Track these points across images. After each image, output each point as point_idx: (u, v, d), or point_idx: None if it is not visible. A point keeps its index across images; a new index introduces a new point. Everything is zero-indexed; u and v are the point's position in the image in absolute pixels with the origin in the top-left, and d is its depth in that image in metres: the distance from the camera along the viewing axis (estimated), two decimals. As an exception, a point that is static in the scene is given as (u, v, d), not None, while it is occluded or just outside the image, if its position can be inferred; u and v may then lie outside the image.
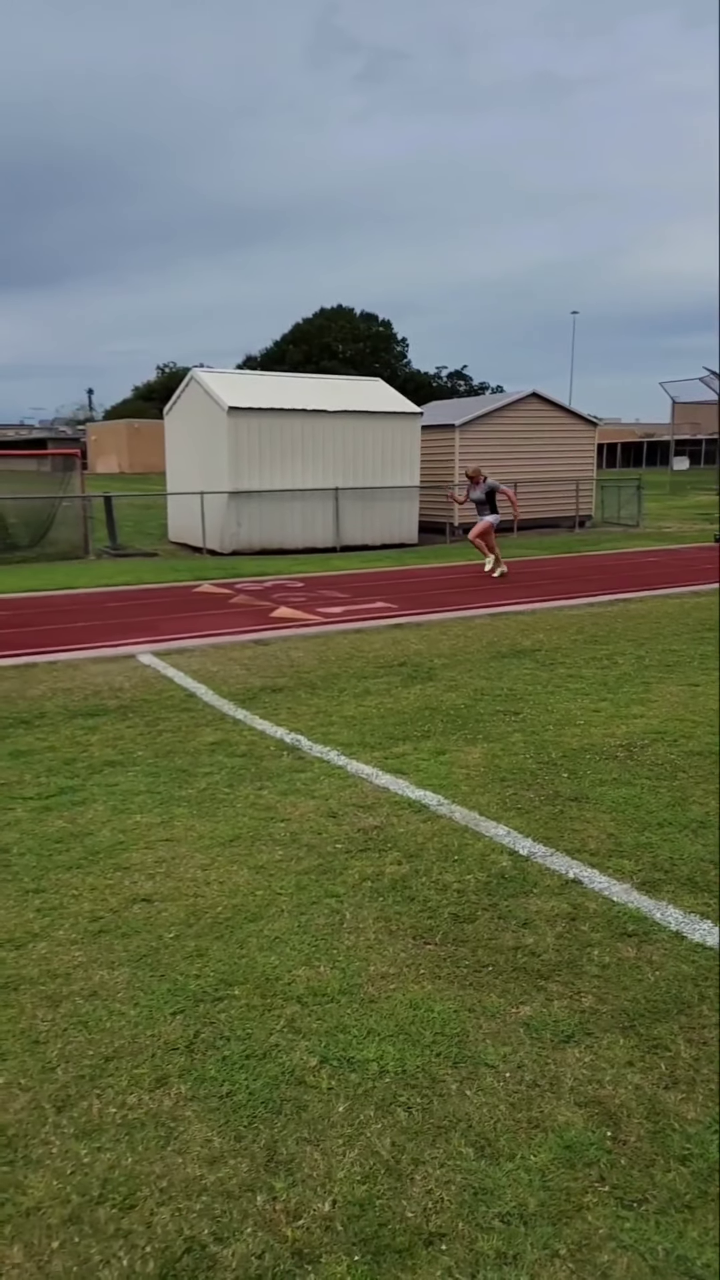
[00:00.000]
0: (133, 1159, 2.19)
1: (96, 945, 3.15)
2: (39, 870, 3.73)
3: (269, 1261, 1.90)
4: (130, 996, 2.85)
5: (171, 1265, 1.89)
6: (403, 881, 3.56)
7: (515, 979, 2.90)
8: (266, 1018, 2.72)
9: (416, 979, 2.90)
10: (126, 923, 3.30)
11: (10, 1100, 2.40)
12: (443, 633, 8.65)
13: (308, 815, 4.24)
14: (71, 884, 3.61)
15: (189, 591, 11.67)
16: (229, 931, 3.22)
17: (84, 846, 3.95)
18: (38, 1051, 2.60)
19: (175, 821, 4.21)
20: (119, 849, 3.92)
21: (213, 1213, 2.03)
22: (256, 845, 3.92)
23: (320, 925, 3.24)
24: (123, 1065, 2.53)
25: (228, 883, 3.59)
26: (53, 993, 2.88)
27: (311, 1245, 1.93)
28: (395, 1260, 1.90)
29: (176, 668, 7.30)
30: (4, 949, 3.14)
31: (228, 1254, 1.92)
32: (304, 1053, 2.55)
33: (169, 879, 3.63)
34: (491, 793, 4.50)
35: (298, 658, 7.64)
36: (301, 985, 2.87)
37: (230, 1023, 2.70)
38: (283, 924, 3.26)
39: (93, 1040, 2.64)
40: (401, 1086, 2.41)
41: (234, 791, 4.57)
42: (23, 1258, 1.93)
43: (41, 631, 8.99)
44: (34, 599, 11.29)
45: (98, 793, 4.59)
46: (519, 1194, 2.06)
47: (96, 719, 5.90)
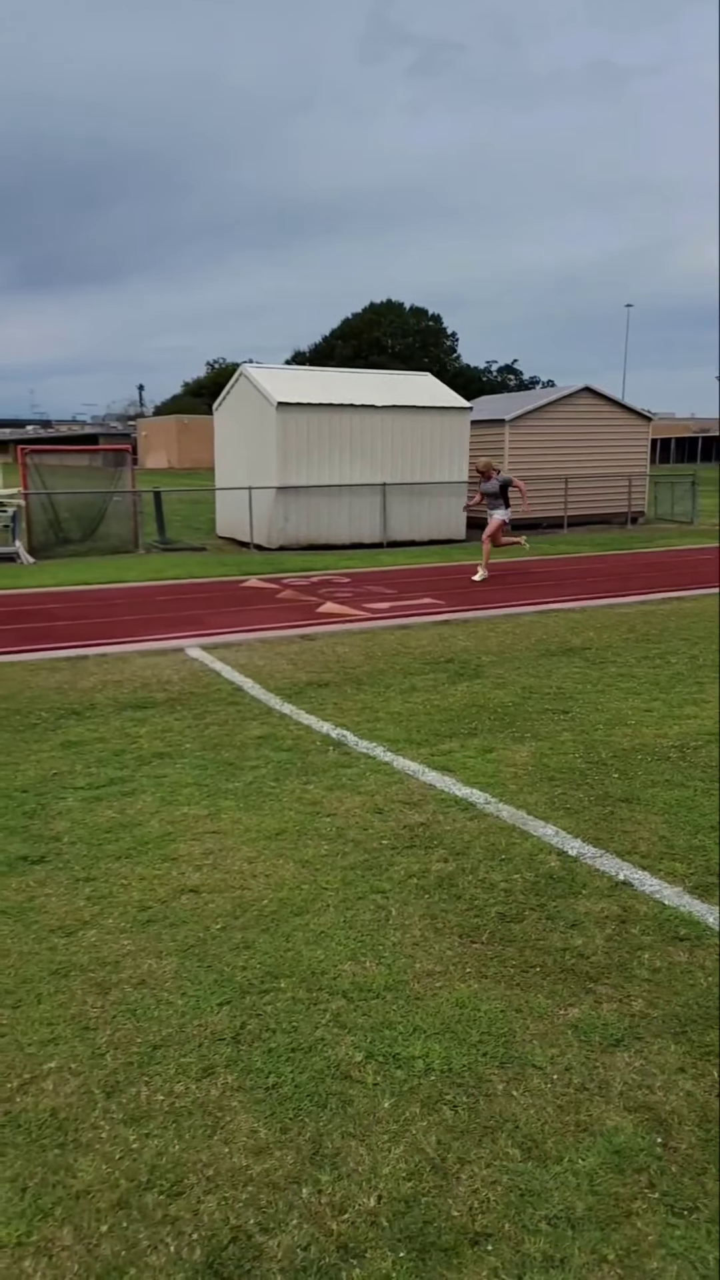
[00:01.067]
0: (180, 1146, 2.21)
1: (145, 934, 3.19)
2: (89, 859, 3.79)
3: (314, 1254, 1.90)
4: (178, 986, 2.88)
5: (218, 1253, 1.91)
6: (449, 879, 3.54)
7: (563, 980, 2.87)
8: (312, 1011, 2.72)
9: (463, 977, 2.89)
10: (174, 913, 3.33)
11: (61, 1084, 2.44)
12: (490, 629, 8.59)
13: (353, 811, 4.24)
14: (121, 873, 3.66)
15: (236, 586, 11.75)
16: (275, 924, 3.23)
17: (133, 837, 4.00)
18: (87, 1037, 2.64)
19: (222, 814, 4.24)
20: (167, 840, 3.96)
21: (258, 1203, 2.04)
22: (302, 839, 3.94)
23: (366, 921, 3.24)
24: (170, 1053, 2.56)
25: (274, 876, 3.60)
26: (102, 980, 2.92)
27: (357, 1240, 1.94)
28: (441, 1259, 1.89)
29: (224, 662, 7.35)
30: (55, 935, 3.19)
31: (273, 1245, 1.93)
32: (349, 1047, 2.55)
33: (216, 871, 3.66)
34: (540, 792, 4.46)
35: (344, 653, 7.65)
36: (347, 980, 2.88)
37: (276, 1015, 2.71)
38: (328, 919, 3.26)
39: (141, 1028, 2.67)
40: (448, 1085, 2.40)
41: (280, 785, 4.59)
42: (72, 1240, 1.96)
43: (92, 624, 9.13)
44: (85, 592, 11.46)
45: (146, 784, 4.64)
46: (566, 1197, 2.04)
47: (145, 711, 5.97)
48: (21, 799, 4.44)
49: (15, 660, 7.43)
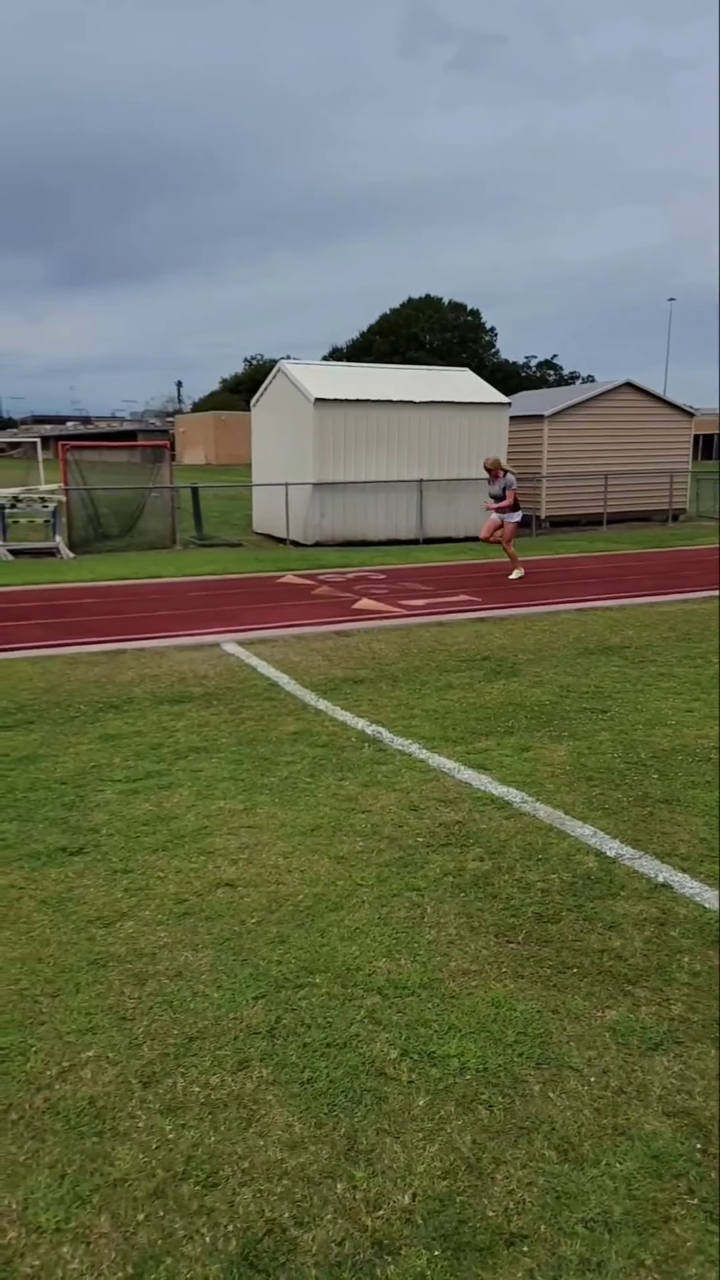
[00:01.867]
0: (215, 1138, 2.23)
1: (181, 927, 3.22)
2: (127, 851, 3.82)
3: (349, 1249, 1.91)
4: (214, 979, 2.89)
5: (253, 1245, 1.92)
6: (485, 878, 3.53)
7: (601, 982, 2.84)
8: (347, 1007, 2.73)
9: (499, 977, 2.87)
10: (210, 906, 3.36)
11: (100, 1073, 2.47)
12: (527, 627, 8.53)
13: (389, 808, 4.23)
14: (158, 866, 3.69)
15: (272, 582, 11.80)
16: (310, 920, 3.24)
17: (170, 830, 4.03)
18: (125, 1028, 2.66)
19: (258, 809, 4.26)
20: (203, 834, 3.99)
21: (293, 1197, 2.05)
22: (337, 835, 3.94)
23: (401, 918, 3.23)
24: (206, 1046, 2.57)
25: (309, 871, 3.61)
26: (139, 971, 2.95)
27: (391, 1237, 1.93)
28: (476, 1258, 1.88)
29: (260, 657, 7.38)
30: (94, 926, 3.23)
31: (308, 1239, 1.93)
32: (384, 1044, 2.55)
33: (251, 865, 3.68)
34: (577, 792, 4.42)
35: (379, 650, 7.65)
36: (382, 977, 2.87)
37: (311, 1010, 2.72)
38: (363, 915, 3.26)
39: (177, 1020, 2.70)
40: (483, 1084, 2.38)
41: (315, 781, 4.60)
42: (110, 1227, 1.98)
43: (130, 619, 9.22)
44: (123, 587, 11.58)
45: (183, 778, 4.68)
46: (604, 1201, 2.02)
47: (182, 705, 6.01)
48: (61, 790, 4.50)
49: (55, 654, 7.53)
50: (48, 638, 8.17)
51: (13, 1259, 1.90)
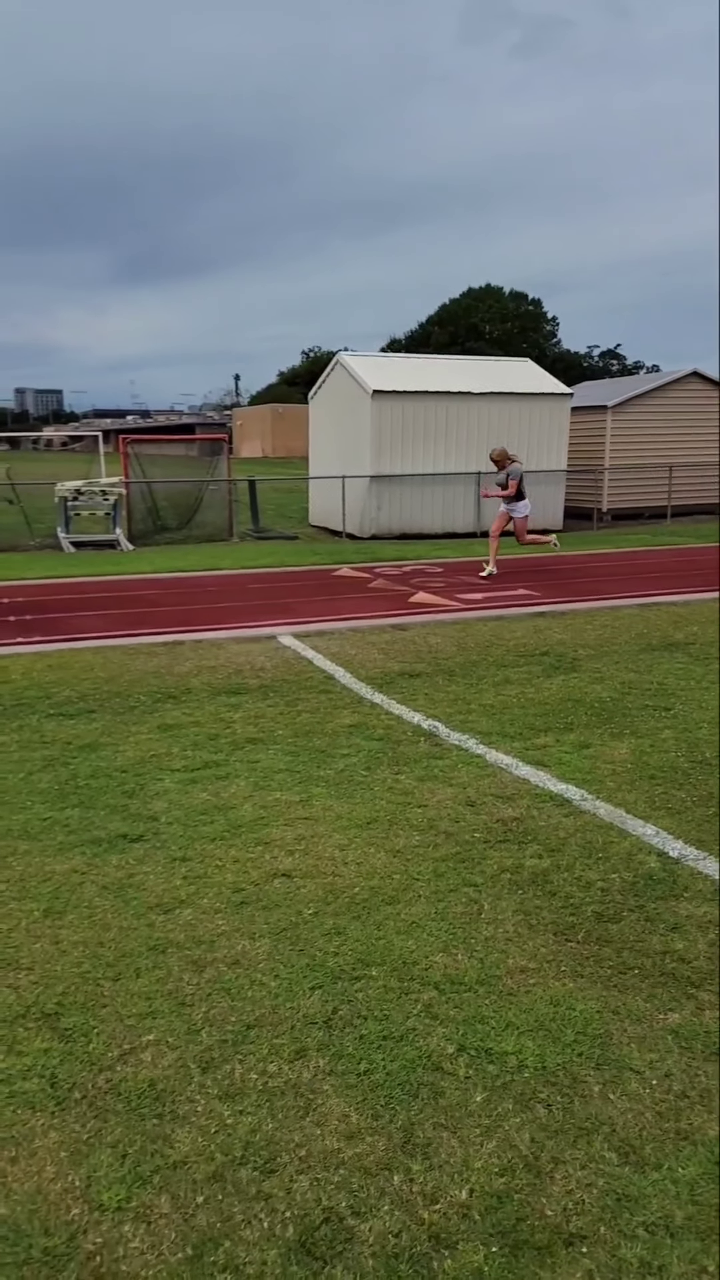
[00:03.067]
0: (273, 1125, 2.25)
1: (239, 916, 3.25)
2: (185, 840, 3.88)
3: (405, 1241, 1.91)
4: (271, 968, 2.92)
5: (310, 1233, 1.93)
6: (543, 876, 3.49)
7: (663, 984, 2.79)
8: (404, 1001, 2.72)
9: (557, 976, 2.84)
10: (267, 896, 3.38)
11: (159, 1057, 2.51)
12: (588, 622, 8.41)
13: (445, 803, 4.22)
14: (215, 855, 3.73)
15: (328, 575, 11.83)
16: (366, 913, 3.25)
17: (227, 819, 4.07)
18: (184, 1013, 2.70)
19: (314, 801, 4.28)
20: (260, 824, 4.02)
21: (350, 1187, 2.05)
22: (394, 829, 3.94)
23: (458, 914, 3.22)
24: (263, 1034, 2.60)
25: (365, 864, 3.62)
26: (198, 958, 2.99)
27: (448, 1231, 1.93)
28: (534, 1257, 1.87)
29: (316, 650, 7.41)
30: (154, 913, 3.28)
31: (365, 1229, 1.94)
32: (441, 1039, 2.54)
33: (308, 856, 3.70)
34: (639, 790, 4.35)
35: (436, 644, 7.62)
36: (439, 972, 2.87)
37: (368, 1002, 2.72)
38: (420, 909, 3.26)
39: (235, 1007, 2.73)
40: (541, 1083, 2.36)
41: (371, 774, 4.60)
42: (169, 1208, 2.01)
43: (188, 611, 9.34)
44: (181, 579, 11.73)
45: (240, 768, 4.72)
46: (665, 1205, 1.99)
47: (239, 697, 6.07)
48: (121, 779, 4.58)
49: (116, 644, 7.66)
50: (109, 628, 8.32)
51: (75, 1235, 1.95)
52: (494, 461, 11.33)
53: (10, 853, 3.76)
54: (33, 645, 7.65)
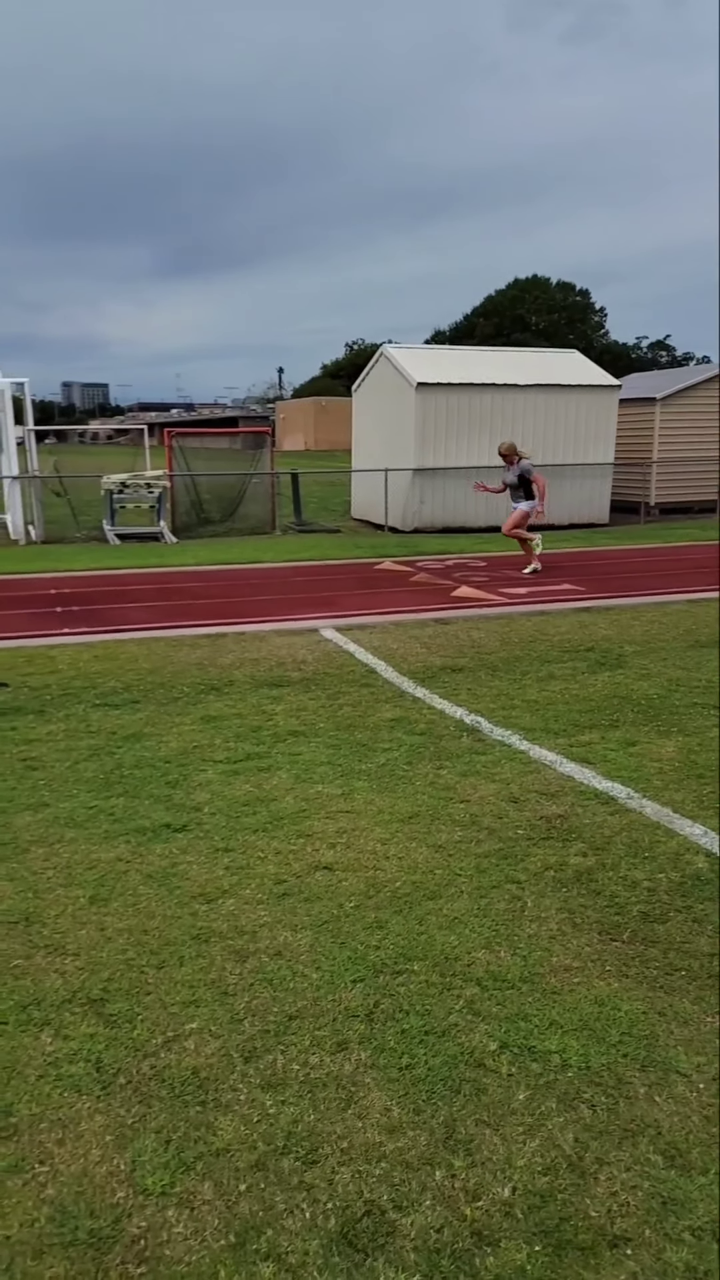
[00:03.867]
0: (315, 1116, 2.26)
1: (281, 907, 3.27)
2: (228, 830, 3.90)
3: (447, 1237, 1.90)
4: (313, 960, 2.93)
5: (352, 1225, 1.94)
6: (588, 874, 3.45)
7: (711, 986, 2.75)
8: (445, 996, 2.72)
9: (602, 975, 2.81)
10: (309, 888, 3.40)
11: (202, 1045, 2.54)
12: (635, 618, 8.30)
13: (488, 798, 4.19)
14: (258, 846, 3.76)
15: (370, 568, 11.82)
16: (408, 907, 3.24)
17: (269, 811, 4.09)
18: (227, 1002, 2.73)
19: (355, 794, 4.28)
20: (301, 816, 4.03)
21: (392, 1180, 2.05)
22: (435, 824, 3.93)
23: (500, 910, 3.20)
24: (305, 1025, 2.61)
25: (407, 859, 3.61)
26: (240, 948, 3.01)
27: (491, 1228, 1.92)
28: (577, 1257, 1.85)
29: (357, 643, 7.41)
30: (197, 902, 3.31)
31: (407, 1223, 1.94)
32: (483, 1036, 2.53)
33: (349, 850, 3.71)
34: (687, 789, 4.28)
35: (479, 638, 7.57)
36: (481, 968, 2.85)
37: (410, 997, 2.72)
38: (462, 905, 3.24)
39: (277, 998, 2.74)
40: (585, 1083, 2.34)
41: (413, 769, 4.59)
42: (212, 1195, 2.03)
43: (231, 603, 9.40)
44: (224, 571, 11.81)
45: (281, 761, 4.74)
46: (712, 1210, 1.96)
47: (280, 689, 6.09)
48: (165, 769, 4.63)
49: (160, 636, 7.74)
50: (153, 620, 8.41)
51: (120, 1218, 1.97)
52: (502, 456, 11.02)
53: (57, 840, 3.82)
54: (79, 636, 7.76)
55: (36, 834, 3.88)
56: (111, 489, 15.62)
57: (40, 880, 3.48)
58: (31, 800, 4.23)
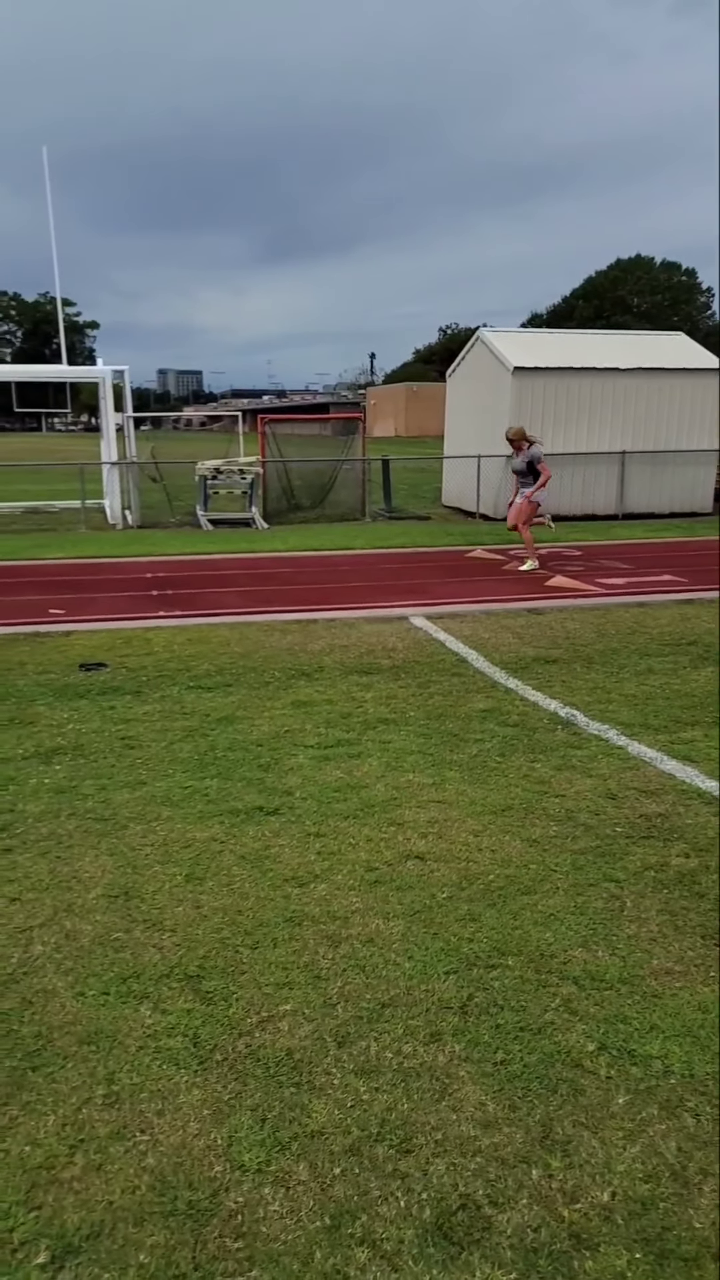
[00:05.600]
0: (409, 1106, 2.25)
1: (373, 894, 3.27)
2: (319, 816, 3.93)
3: (545, 1237, 1.87)
4: (405, 949, 2.92)
5: (447, 1217, 1.93)
6: (691, 876, 3.35)
7: None
8: (541, 993, 2.67)
9: (705, 981, 2.72)
10: (401, 877, 3.39)
11: (296, 1027, 2.56)
12: (734, 612, 7.99)
13: (584, 794, 4.11)
14: (349, 832, 3.77)
15: (461, 556, 11.71)
16: (502, 901, 3.20)
17: (360, 798, 4.10)
18: (319, 986, 2.75)
19: (447, 784, 4.25)
20: (393, 805, 4.03)
21: (487, 1175, 2.04)
22: (530, 818, 3.87)
23: (598, 909, 3.13)
24: (398, 1014, 2.61)
25: (500, 852, 3.57)
26: (333, 933, 3.03)
27: (590, 1232, 1.88)
28: (680, 1268, 1.80)
29: (448, 632, 7.36)
30: (289, 885, 3.35)
31: (503, 1220, 1.92)
32: (581, 1035, 2.48)
33: (441, 840, 3.68)
34: None
35: (573, 629, 7.42)
36: (578, 967, 2.80)
37: (504, 992, 2.69)
38: (557, 901, 3.19)
39: (370, 985, 2.75)
40: (689, 1091, 2.27)
41: (505, 761, 4.53)
42: (307, 1176, 2.05)
43: (321, 589, 9.45)
44: (315, 558, 11.88)
45: (372, 748, 4.74)
46: None
47: (370, 677, 6.09)
48: (257, 752, 4.69)
49: (251, 621, 7.84)
50: (244, 605, 8.53)
51: (218, 1192, 2.01)
52: (510, 442, 10.47)
53: (154, 818, 3.92)
54: (173, 619, 7.93)
55: (135, 811, 3.98)
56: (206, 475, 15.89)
57: (138, 856, 3.57)
58: (129, 778, 4.35)
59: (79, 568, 11.08)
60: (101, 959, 2.89)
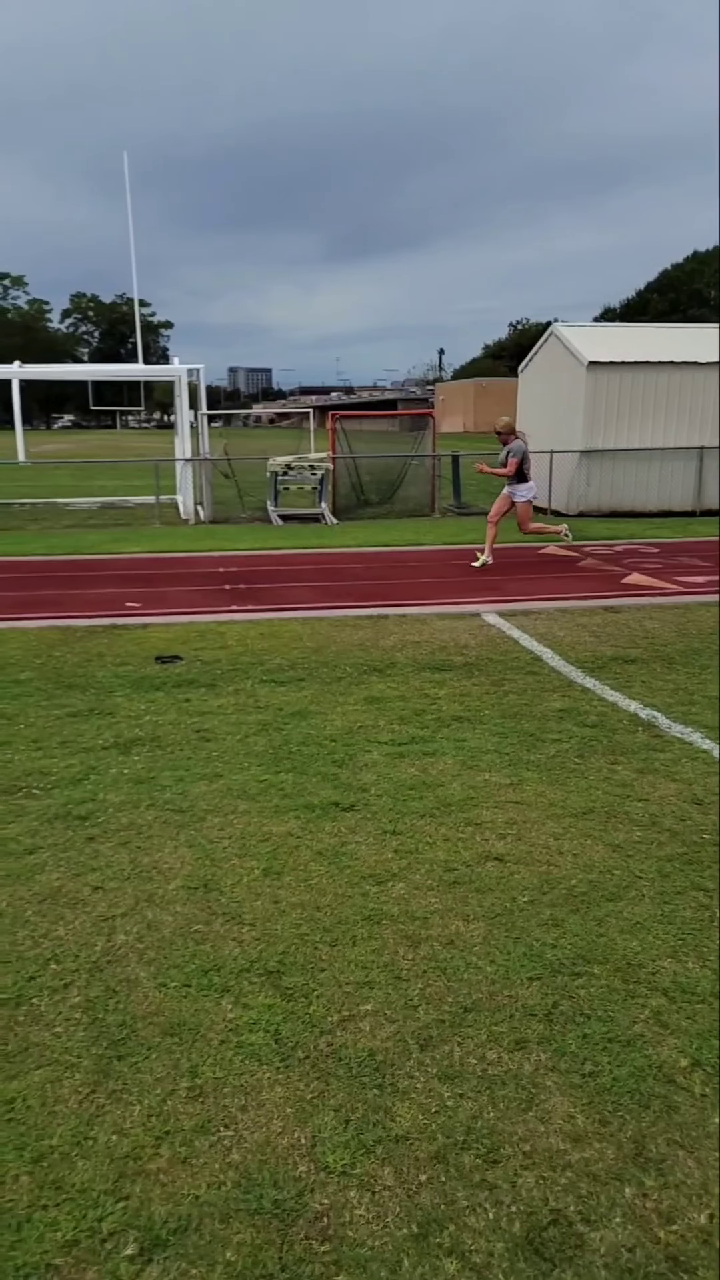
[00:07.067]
0: (494, 1114, 2.21)
1: (452, 895, 3.22)
2: (395, 813, 3.90)
3: (640, 1258, 1.81)
4: (486, 953, 2.87)
5: (538, 1232, 1.88)
6: (784, 886, 3.22)
7: None
8: (629, 1004, 2.60)
9: None
10: (480, 878, 3.34)
11: (377, 1028, 2.54)
12: None
13: (668, 798, 3.99)
14: (425, 831, 3.73)
15: (534, 552, 11.54)
16: (585, 907, 3.12)
17: (435, 797, 4.06)
18: (400, 987, 2.71)
19: (524, 785, 4.18)
20: (469, 804, 3.97)
21: (578, 1191, 1.98)
22: (612, 822, 3.77)
23: (687, 918, 3.03)
24: (481, 1019, 2.56)
25: (582, 856, 3.49)
26: (412, 934, 2.99)
27: (687, 1255, 1.81)
28: (785, 1304, 1.72)
29: (521, 629, 7.25)
30: (367, 883, 3.32)
31: (596, 1238, 1.86)
32: (673, 1050, 2.40)
33: (520, 842, 3.62)
34: None
35: (653, 628, 7.23)
36: (667, 978, 2.71)
37: (590, 1001, 2.62)
38: (644, 909, 3.09)
39: (451, 988, 2.70)
40: (790, 1114, 2.17)
41: (585, 763, 4.43)
42: (393, 1181, 2.02)
43: (391, 585, 9.42)
44: (384, 554, 11.85)
45: (446, 746, 4.69)
46: None
47: (443, 674, 6.03)
48: (331, 747, 4.68)
49: (323, 616, 7.85)
50: (315, 600, 8.54)
51: (304, 1192, 2.00)
52: (498, 434, 10.29)
53: (231, 811, 3.94)
54: (246, 613, 7.99)
55: (212, 803, 4.01)
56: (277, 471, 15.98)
57: (216, 849, 3.59)
58: (206, 770, 4.38)
59: (154, 562, 11.25)
60: (182, 950, 2.91)
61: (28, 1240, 1.88)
